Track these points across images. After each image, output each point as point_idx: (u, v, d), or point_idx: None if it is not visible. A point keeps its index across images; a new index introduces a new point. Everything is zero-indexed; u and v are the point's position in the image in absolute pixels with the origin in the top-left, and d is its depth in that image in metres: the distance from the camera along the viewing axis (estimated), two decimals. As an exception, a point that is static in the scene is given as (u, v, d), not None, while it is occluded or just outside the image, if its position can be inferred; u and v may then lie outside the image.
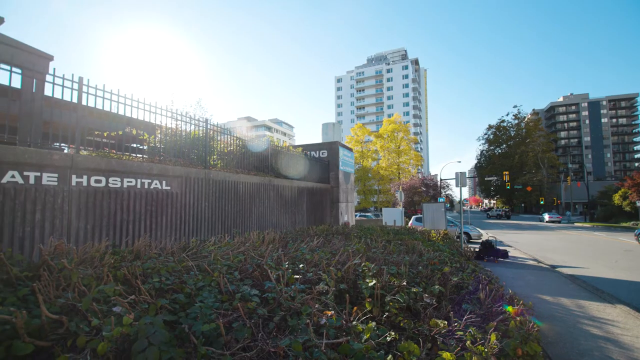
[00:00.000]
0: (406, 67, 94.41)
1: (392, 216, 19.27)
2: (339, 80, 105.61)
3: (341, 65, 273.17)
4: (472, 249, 10.37)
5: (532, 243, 18.09)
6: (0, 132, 4.49)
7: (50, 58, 7.38)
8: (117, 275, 2.98)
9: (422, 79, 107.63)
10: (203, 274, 3.31)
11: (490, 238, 15.58)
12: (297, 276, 3.46)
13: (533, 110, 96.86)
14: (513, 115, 72.95)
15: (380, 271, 3.87)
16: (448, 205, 38.61)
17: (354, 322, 2.57)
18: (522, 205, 74.90)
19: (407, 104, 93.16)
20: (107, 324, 2.02)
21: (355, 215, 25.53)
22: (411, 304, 3.29)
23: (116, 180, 5.24)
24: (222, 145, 8.39)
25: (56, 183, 4.48)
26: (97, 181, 4.97)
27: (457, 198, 54.57)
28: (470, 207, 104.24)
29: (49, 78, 4.84)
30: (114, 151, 6.03)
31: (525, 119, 73.22)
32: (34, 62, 4.99)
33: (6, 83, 4.55)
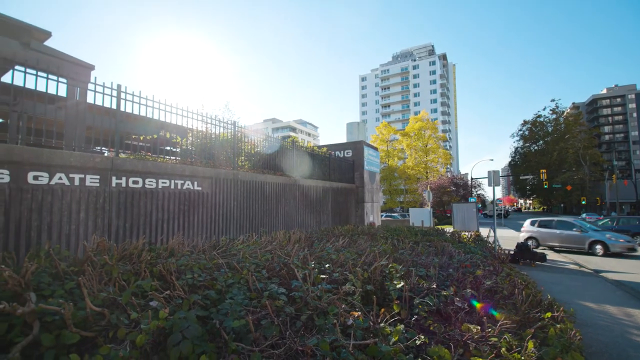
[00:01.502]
0: (433, 63, 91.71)
1: (419, 216, 18.82)
2: (363, 79, 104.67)
3: (365, 63, 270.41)
4: (506, 252, 9.89)
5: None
6: (49, 138, 4.87)
7: (91, 67, 7.90)
8: (153, 272, 3.14)
9: (451, 74, 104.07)
10: (232, 271, 3.40)
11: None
12: (324, 276, 3.47)
13: (573, 103, 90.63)
14: (550, 109, 68.53)
15: (409, 273, 3.79)
16: (480, 205, 37.05)
17: (382, 324, 2.53)
18: (562, 205, 70.29)
19: (434, 101, 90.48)
20: (144, 318, 2.13)
21: (381, 216, 25.20)
22: (441, 307, 3.19)
23: (152, 182, 5.52)
24: (249, 147, 8.59)
25: (98, 184, 4.80)
26: (134, 182, 5.27)
27: (489, 198, 52.23)
28: (504, 207, 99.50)
29: (90, 86, 5.20)
30: (150, 154, 6.37)
31: (564, 114, 68.52)
32: (77, 72, 5.37)
33: (54, 92, 4.94)
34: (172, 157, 6.40)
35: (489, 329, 2.81)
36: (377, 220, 16.03)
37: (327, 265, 3.91)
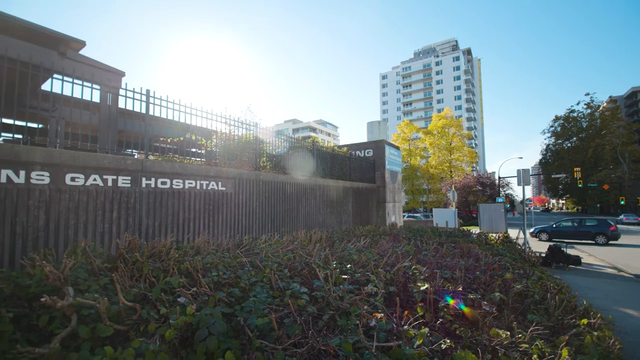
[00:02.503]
0: (457, 59, 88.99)
1: (443, 217, 18.32)
2: (384, 77, 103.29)
3: (386, 61, 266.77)
4: (537, 254, 9.43)
5: (609, 249, 15.89)
6: (84, 141, 5.16)
7: (122, 74, 8.33)
8: (181, 269, 3.25)
9: (476, 69, 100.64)
10: (255, 270, 3.46)
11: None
12: (345, 276, 3.46)
13: (610, 97, 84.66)
14: (585, 104, 64.39)
15: (433, 275, 3.71)
16: (508, 205, 35.54)
17: (405, 327, 2.49)
18: (598, 205, 66.07)
19: (459, 97, 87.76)
20: (173, 313, 2.21)
21: (403, 216, 24.76)
22: (468, 311, 3.08)
23: (179, 182, 5.73)
24: (270, 148, 8.72)
25: (129, 185, 5.03)
26: (162, 183, 5.48)
27: (518, 198, 50.02)
28: (534, 208, 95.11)
29: (121, 92, 5.47)
30: (177, 155, 6.61)
31: (600, 108, 64.24)
32: (109, 79, 5.66)
33: (89, 98, 5.23)
34: (197, 159, 6.61)
35: (520, 335, 2.69)
36: (399, 220, 15.76)
37: (348, 266, 3.89)
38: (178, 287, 2.70)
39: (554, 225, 19.88)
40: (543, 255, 10.68)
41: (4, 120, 5.49)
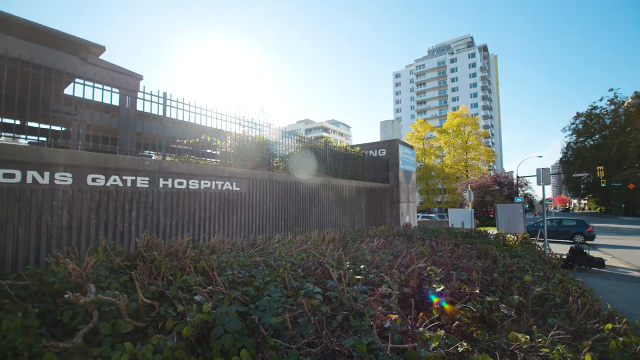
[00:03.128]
0: (473, 55, 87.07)
1: (459, 217, 17.99)
2: (397, 75, 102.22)
3: (399, 60, 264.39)
4: (557, 256, 9.12)
5: (635, 251, 15.19)
6: (105, 143, 5.33)
7: (140, 77, 8.56)
8: (197, 267, 3.31)
9: (492, 66, 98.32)
10: (269, 269, 3.49)
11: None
12: (359, 277, 3.44)
13: (635, 93, 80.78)
14: (608, 100, 61.64)
15: (449, 276, 3.64)
16: (527, 205, 34.50)
17: (420, 329, 2.45)
18: (622, 205, 63.33)
19: (475, 95, 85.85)
20: (189, 311, 2.26)
21: (418, 217, 24.43)
22: (485, 314, 3.02)
23: (195, 183, 5.84)
24: (283, 148, 8.77)
25: (147, 185, 5.17)
26: (179, 183, 5.60)
27: (537, 198, 48.54)
28: (555, 208, 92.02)
29: (139, 95, 5.62)
30: (193, 156, 6.74)
31: (625, 104, 61.37)
32: (128, 82, 5.82)
33: (108, 102, 5.40)
34: (212, 160, 6.72)
35: (540, 339, 2.60)
36: (414, 221, 15.56)
37: (362, 266, 3.87)
38: (194, 285, 2.75)
39: (534, 225, 19.72)
40: (564, 257, 10.32)
41: (30, 124, 5.74)
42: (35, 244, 4.02)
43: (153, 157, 7.67)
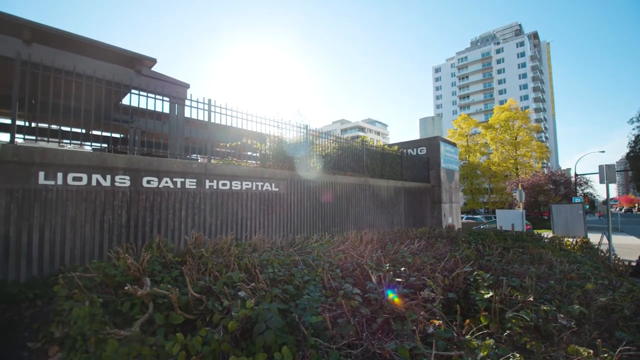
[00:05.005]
0: (522, 44, 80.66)
1: (509, 219, 16.75)
2: (437, 70, 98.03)
3: (439, 53, 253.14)
4: (625, 263, 8.12)
5: None
6: (157, 148, 5.77)
7: (187, 86, 9.18)
8: (240, 265, 3.46)
9: (544, 54, 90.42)
10: (308, 268, 3.53)
11: None
12: (399, 279, 3.35)
13: None
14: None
15: (498, 282, 3.41)
16: (587, 206, 31.19)
17: (467, 336, 2.32)
18: None
19: (524, 87, 79.44)
20: (234, 306, 2.36)
21: (462, 218, 23.22)
22: (540, 323, 2.78)
23: (237, 184, 6.12)
24: (320, 149, 8.83)
25: (195, 187, 5.51)
26: (223, 184, 5.90)
27: (599, 197, 43.72)
28: (620, 209, 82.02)
29: (187, 102, 6.01)
30: (235, 159, 7.06)
31: None
32: (176, 91, 6.24)
33: (160, 109, 5.85)
34: (252, 161, 6.99)
35: (606, 354, 2.34)
36: (457, 222, 14.82)
37: (402, 269, 3.76)
38: (238, 282, 2.87)
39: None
40: (633, 264, 9.16)
41: (94, 132, 6.39)
42: (99, 240, 4.46)
43: (199, 160, 8.15)
